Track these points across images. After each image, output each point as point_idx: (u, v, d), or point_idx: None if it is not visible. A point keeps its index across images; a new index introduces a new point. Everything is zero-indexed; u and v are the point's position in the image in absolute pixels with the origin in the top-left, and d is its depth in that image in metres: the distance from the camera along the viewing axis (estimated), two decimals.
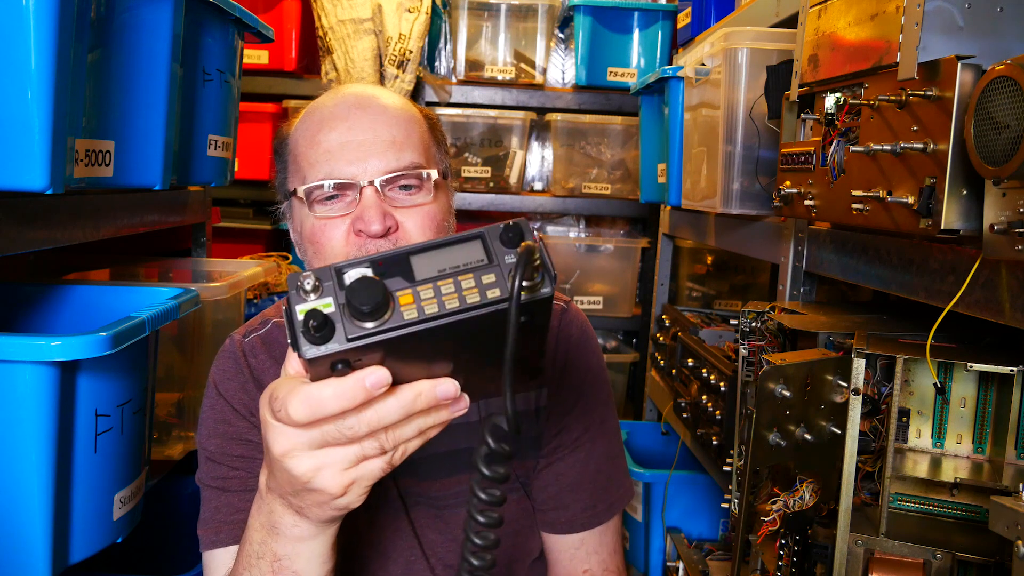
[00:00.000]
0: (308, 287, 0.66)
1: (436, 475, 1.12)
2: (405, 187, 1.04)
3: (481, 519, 0.72)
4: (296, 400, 0.68)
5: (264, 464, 0.81)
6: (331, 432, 0.70)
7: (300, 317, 0.65)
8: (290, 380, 0.71)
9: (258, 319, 1.20)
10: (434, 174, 1.06)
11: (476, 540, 0.73)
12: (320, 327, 0.64)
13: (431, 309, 0.66)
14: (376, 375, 0.67)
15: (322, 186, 1.02)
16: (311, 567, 0.83)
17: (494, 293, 0.67)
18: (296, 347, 0.66)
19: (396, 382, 0.69)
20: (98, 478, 1.18)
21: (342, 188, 1.03)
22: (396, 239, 1.03)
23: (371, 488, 1.12)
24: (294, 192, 1.07)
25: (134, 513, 1.30)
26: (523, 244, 0.67)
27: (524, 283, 0.66)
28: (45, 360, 1.04)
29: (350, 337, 0.65)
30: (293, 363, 0.73)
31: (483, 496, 0.71)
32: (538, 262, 0.67)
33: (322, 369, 0.68)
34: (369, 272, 0.67)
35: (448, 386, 0.70)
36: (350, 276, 0.67)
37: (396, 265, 0.68)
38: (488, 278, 0.67)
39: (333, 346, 0.65)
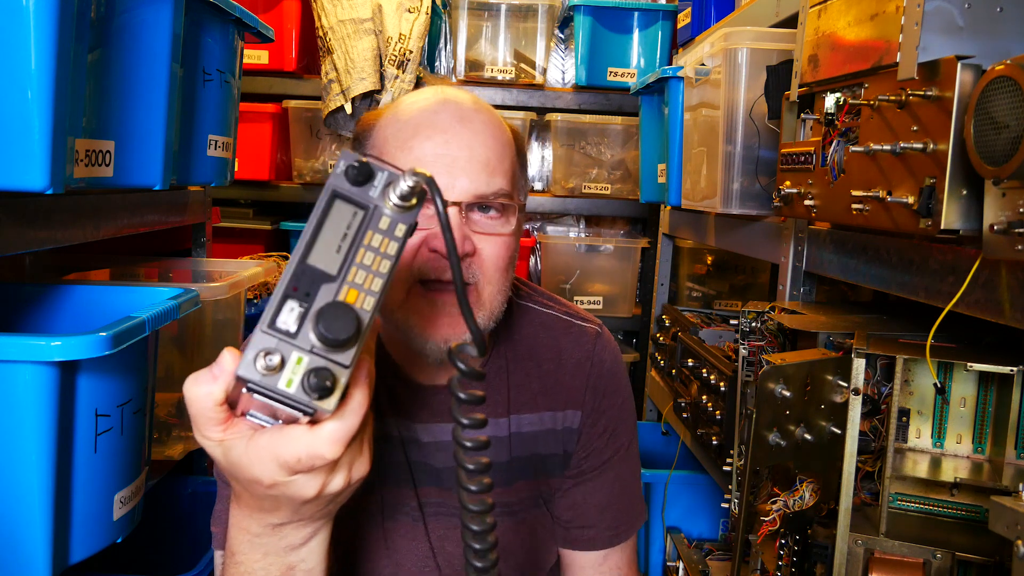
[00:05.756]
0: (272, 365, 0.64)
1: None
2: (485, 208, 1.04)
3: (470, 466, 0.72)
4: (328, 443, 0.67)
5: (254, 511, 0.78)
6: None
7: (291, 391, 0.64)
8: (290, 434, 0.68)
9: None
10: (517, 207, 1.06)
11: (473, 529, 0.73)
12: (328, 389, 0.64)
13: (376, 284, 0.67)
14: (363, 369, 0.69)
15: None
16: (321, 558, 0.83)
17: (401, 230, 0.68)
18: (313, 417, 0.67)
19: None
20: (98, 478, 1.18)
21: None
22: (470, 264, 1.01)
23: (392, 497, 1.12)
24: None
25: (134, 513, 1.30)
26: (424, 188, 0.67)
27: (408, 201, 0.68)
28: (45, 360, 1.04)
29: (347, 364, 0.65)
30: (213, 431, 0.71)
31: (468, 444, 0.71)
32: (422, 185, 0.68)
33: None
34: (298, 308, 0.65)
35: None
36: (285, 319, 0.65)
37: (307, 277, 0.66)
38: (384, 222, 0.68)
39: (342, 384, 0.65)
